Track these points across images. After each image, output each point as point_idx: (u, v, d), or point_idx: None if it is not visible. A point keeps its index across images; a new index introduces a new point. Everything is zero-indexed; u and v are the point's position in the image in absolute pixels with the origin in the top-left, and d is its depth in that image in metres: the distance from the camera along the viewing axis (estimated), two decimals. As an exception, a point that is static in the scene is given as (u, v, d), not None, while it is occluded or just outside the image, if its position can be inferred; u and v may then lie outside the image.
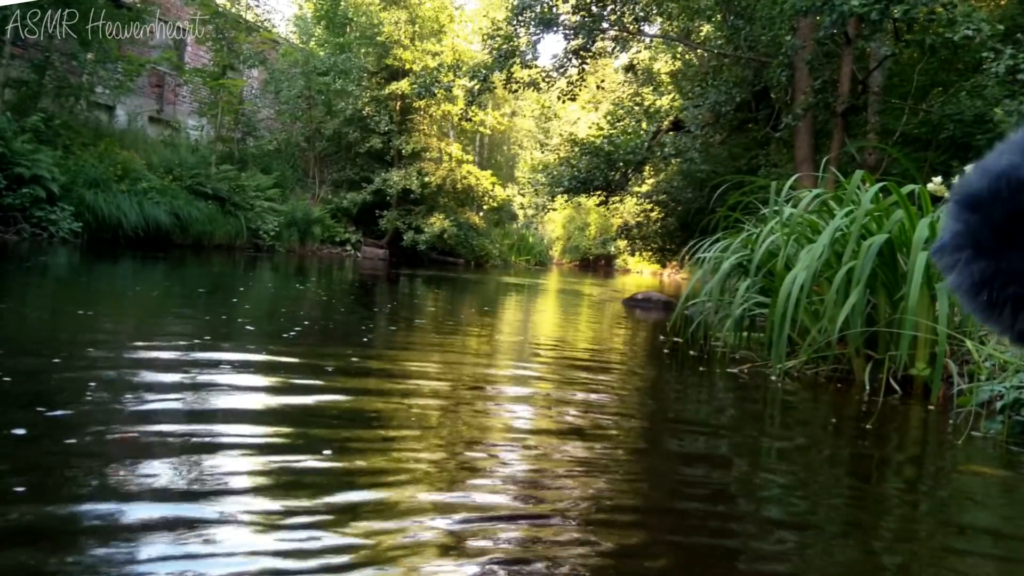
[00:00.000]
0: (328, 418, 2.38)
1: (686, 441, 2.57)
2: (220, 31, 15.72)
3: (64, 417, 2.05)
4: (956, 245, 0.42)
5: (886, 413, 3.17)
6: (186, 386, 2.55)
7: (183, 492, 1.56)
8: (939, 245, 0.43)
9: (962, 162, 4.42)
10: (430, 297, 9.18)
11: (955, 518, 1.91)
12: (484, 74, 12.27)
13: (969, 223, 0.41)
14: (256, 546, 1.33)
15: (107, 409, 2.18)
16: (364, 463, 1.90)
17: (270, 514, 1.48)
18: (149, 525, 1.38)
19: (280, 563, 1.28)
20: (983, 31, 6.51)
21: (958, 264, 0.42)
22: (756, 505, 1.90)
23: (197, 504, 1.50)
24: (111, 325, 4.15)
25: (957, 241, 0.42)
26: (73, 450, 1.76)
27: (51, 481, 1.57)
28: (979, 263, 0.41)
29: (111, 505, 1.45)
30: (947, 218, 0.43)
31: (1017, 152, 0.40)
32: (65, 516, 1.39)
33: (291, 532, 1.41)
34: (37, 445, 1.78)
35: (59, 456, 1.71)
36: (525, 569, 1.34)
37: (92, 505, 1.45)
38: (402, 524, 1.49)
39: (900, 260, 3.70)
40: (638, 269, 36.94)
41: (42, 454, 1.73)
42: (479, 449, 2.13)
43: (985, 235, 0.40)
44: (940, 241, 0.43)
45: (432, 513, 1.57)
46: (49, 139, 11.37)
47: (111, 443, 1.83)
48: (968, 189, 0.41)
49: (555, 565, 1.37)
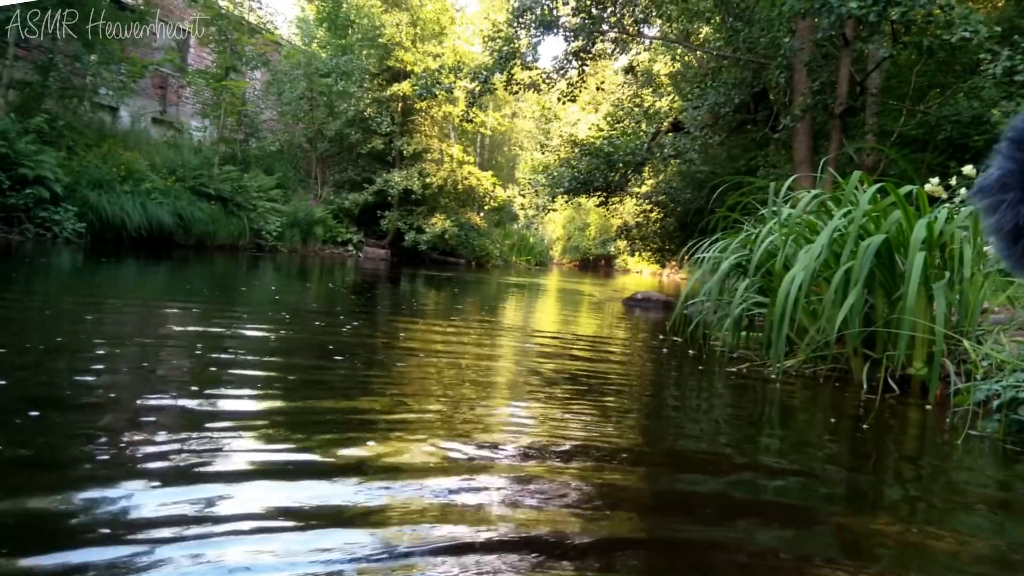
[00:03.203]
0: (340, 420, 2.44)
1: (684, 440, 2.61)
2: (223, 33, 15.76)
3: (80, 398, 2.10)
4: (1003, 184, 0.38)
5: (884, 412, 3.20)
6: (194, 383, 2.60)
7: (196, 459, 1.61)
8: (983, 183, 0.39)
9: (959, 163, 4.46)
10: (431, 297, 9.22)
11: (953, 518, 1.94)
12: (485, 76, 12.32)
13: (1023, 162, 0.37)
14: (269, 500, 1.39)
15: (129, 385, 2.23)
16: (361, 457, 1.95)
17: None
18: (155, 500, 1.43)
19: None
20: (980, 33, 6.55)
21: (1002, 205, 0.38)
22: (753, 504, 1.93)
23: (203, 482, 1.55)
24: (130, 320, 4.20)
25: (1005, 180, 0.38)
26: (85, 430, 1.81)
27: (64, 456, 1.63)
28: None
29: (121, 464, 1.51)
30: (997, 156, 0.39)
31: None
32: (76, 491, 1.45)
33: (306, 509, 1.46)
34: (51, 426, 1.84)
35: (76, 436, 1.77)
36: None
37: (101, 479, 1.50)
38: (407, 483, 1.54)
39: (898, 260, 3.74)
40: (638, 269, 36.97)
41: (57, 435, 1.78)
42: (480, 447, 2.17)
43: None
44: (984, 179, 0.39)
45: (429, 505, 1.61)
46: (53, 140, 11.42)
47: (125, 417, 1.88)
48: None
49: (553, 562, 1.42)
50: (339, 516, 1.51)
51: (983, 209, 0.40)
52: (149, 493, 1.53)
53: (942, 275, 3.58)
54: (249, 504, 1.53)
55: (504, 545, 1.44)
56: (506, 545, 1.44)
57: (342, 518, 1.51)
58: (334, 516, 1.51)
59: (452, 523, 1.53)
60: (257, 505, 1.53)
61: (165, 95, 17.64)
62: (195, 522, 1.40)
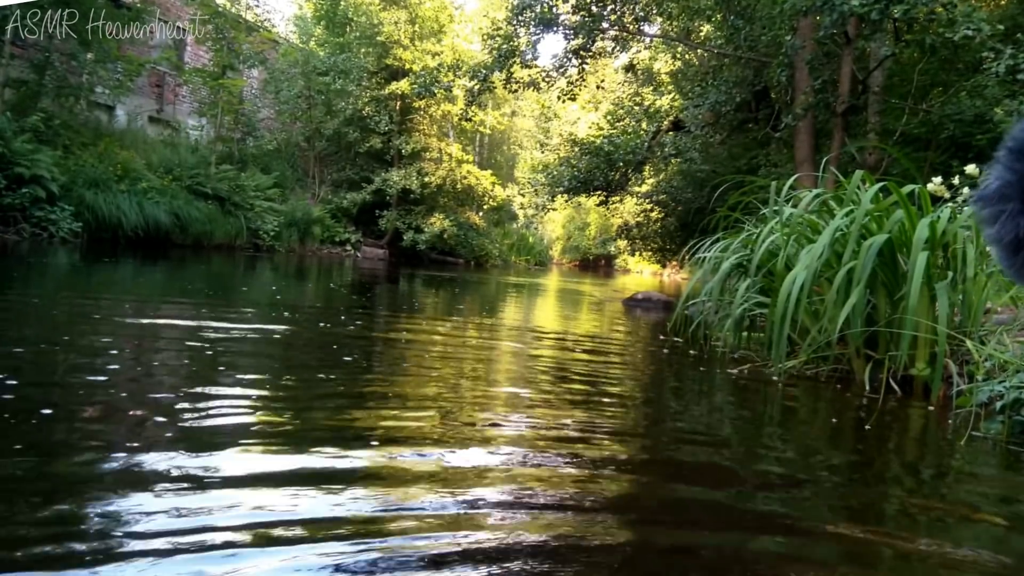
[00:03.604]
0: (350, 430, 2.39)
1: (684, 440, 2.57)
2: (220, 31, 15.71)
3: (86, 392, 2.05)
4: (1003, 194, 0.37)
5: (886, 413, 3.17)
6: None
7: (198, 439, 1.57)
8: (983, 193, 0.39)
9: (962, 162, 4.41)
10: (430, 296, 9.18)
11: (955, 519, 1.91)
12: (484, 74, 12.28)
13: (1022, 173, 0.36)
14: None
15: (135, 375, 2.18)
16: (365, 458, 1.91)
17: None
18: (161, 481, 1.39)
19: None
20: (983, 31, 6.51)
21: (1001, 216, 0.37)
22: (753, 507, 1.90)
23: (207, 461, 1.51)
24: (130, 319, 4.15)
25: (1005, 190, 0.37)
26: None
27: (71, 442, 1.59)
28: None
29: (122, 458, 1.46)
30: (997, 165, 0.38)
31: None
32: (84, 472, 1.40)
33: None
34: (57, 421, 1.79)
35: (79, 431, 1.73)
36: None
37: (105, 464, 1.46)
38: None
39: (900, 260, 3.70)
40: (638, 269, 36.97)
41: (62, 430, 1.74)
42: (479, 446, 2.13)
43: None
44: (984, 189, 0.39)
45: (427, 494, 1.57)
46: (49, 139, 11.38)
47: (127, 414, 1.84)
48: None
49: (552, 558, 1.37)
50: (337, 524, 1.47)
51: (983, 219, 0.39)
52: (148, 491, 1.48)
53: (945, 275, 3.54)
54: (249, 507, 1.48)
55: (503, 550, 1.40)
56: (505, 550, 1.40)
57: (341, 525, 1.46)
58: (332, 524, 1.47)
59: (451, 530, 1.49)
60: (256, 511, 1.48)
61: (162, 94, 17.59)
62: (193, 529, 1.35)
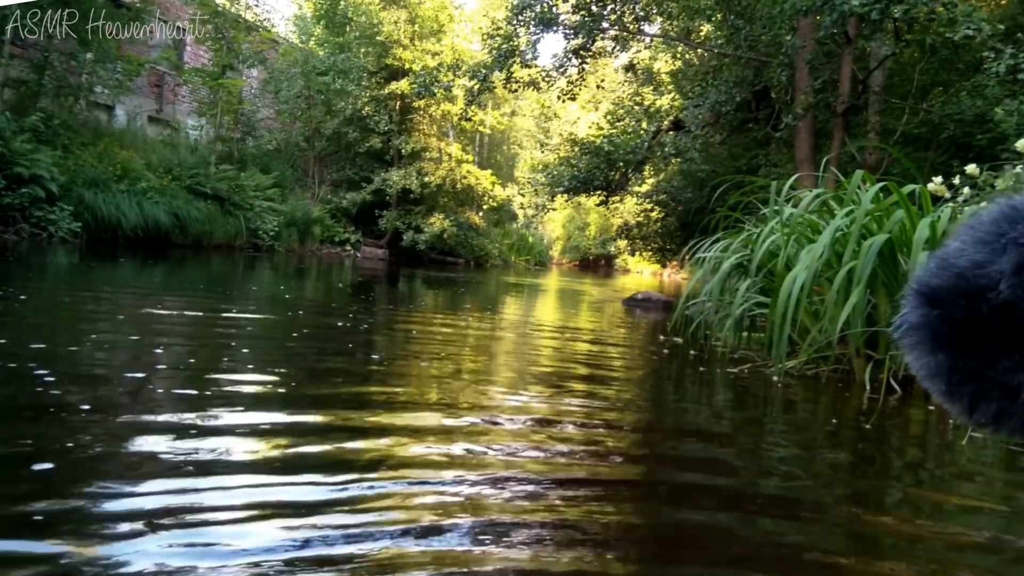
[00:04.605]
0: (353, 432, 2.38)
1: (685, 440, 2.56)
2: (219, 31, 15.70)
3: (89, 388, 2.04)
4: (914, 341, 0.41)
5: (886, 413, 3.16)
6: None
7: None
8: (900, 325, 0.42)
9: (963, 162, 4.40)
10: (431, 298, 9.17)
11: (955, 519, 1.90)
12: (484, 74, 12.26)
13: (928, 318, 0.40)
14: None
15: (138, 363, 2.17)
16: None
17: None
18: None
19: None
20: (983, 31, 6.50)
21: (916, 350, 0.41)
22: (755, 503, 1.89)
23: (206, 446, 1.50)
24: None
25: (912, 336, 0.41)
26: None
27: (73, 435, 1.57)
28: (938, 356, 0.40)
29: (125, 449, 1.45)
30: (906, 306, 0.42)
31: (981, 248, 0.38)
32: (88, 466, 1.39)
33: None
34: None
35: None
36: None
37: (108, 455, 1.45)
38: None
39: (901, 260, 3.69)
40: (638, 269, 36.95)
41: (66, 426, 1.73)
42: (480, 445, 2.12)
43: (944, 332, 0.39)
44: (901, 321, 0.42)
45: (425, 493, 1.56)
46: (48, 139, 11.36)
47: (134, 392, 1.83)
48: (929, 282, 0.40)
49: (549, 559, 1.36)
50: (336, 526, 1.46)
51: (903, 347, 0.43)
52: (148, 488, 1.48)
53: (946, 275, 3.52)
54: (248, 504, 1.47)
55: (502, 552, 1.39)
56: (508, 531, 1.39)
57: (339, 527, 1.45)
58: (330, 520, 1.46)
59: (453, 511, 1.48)
60: (256, 502, 1.47)
61: (161, 93, 17.57)
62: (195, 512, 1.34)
